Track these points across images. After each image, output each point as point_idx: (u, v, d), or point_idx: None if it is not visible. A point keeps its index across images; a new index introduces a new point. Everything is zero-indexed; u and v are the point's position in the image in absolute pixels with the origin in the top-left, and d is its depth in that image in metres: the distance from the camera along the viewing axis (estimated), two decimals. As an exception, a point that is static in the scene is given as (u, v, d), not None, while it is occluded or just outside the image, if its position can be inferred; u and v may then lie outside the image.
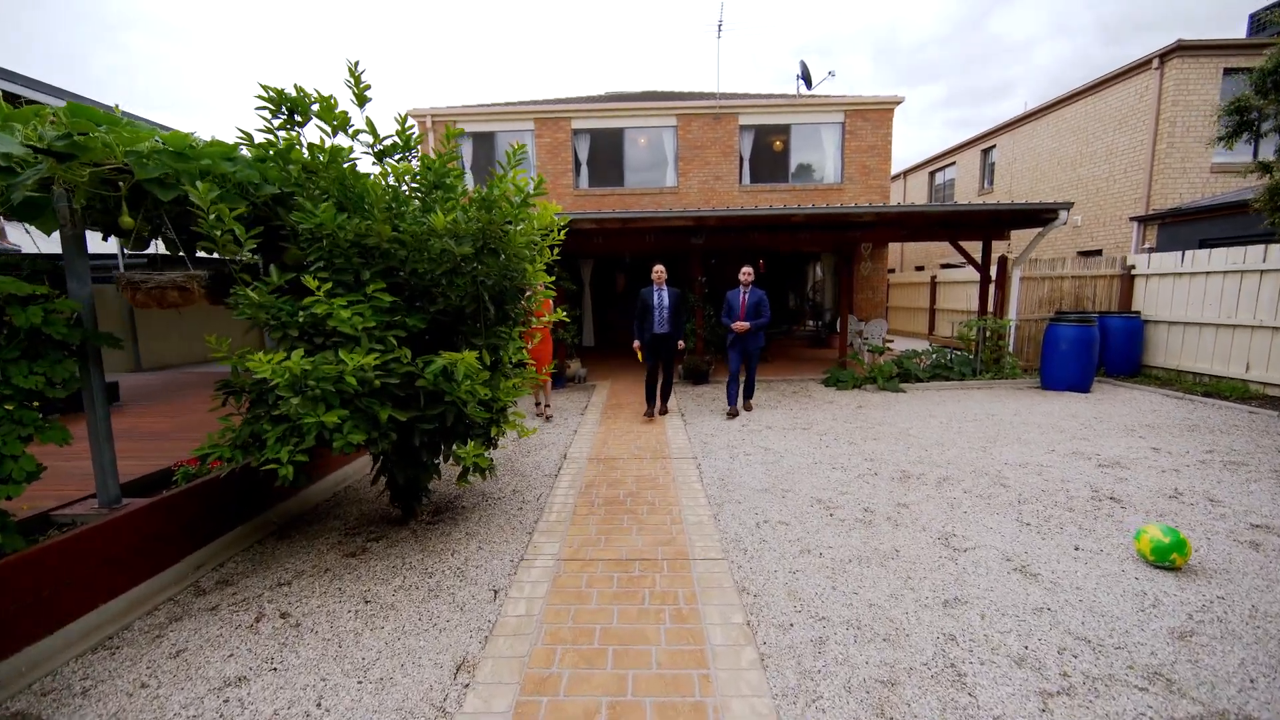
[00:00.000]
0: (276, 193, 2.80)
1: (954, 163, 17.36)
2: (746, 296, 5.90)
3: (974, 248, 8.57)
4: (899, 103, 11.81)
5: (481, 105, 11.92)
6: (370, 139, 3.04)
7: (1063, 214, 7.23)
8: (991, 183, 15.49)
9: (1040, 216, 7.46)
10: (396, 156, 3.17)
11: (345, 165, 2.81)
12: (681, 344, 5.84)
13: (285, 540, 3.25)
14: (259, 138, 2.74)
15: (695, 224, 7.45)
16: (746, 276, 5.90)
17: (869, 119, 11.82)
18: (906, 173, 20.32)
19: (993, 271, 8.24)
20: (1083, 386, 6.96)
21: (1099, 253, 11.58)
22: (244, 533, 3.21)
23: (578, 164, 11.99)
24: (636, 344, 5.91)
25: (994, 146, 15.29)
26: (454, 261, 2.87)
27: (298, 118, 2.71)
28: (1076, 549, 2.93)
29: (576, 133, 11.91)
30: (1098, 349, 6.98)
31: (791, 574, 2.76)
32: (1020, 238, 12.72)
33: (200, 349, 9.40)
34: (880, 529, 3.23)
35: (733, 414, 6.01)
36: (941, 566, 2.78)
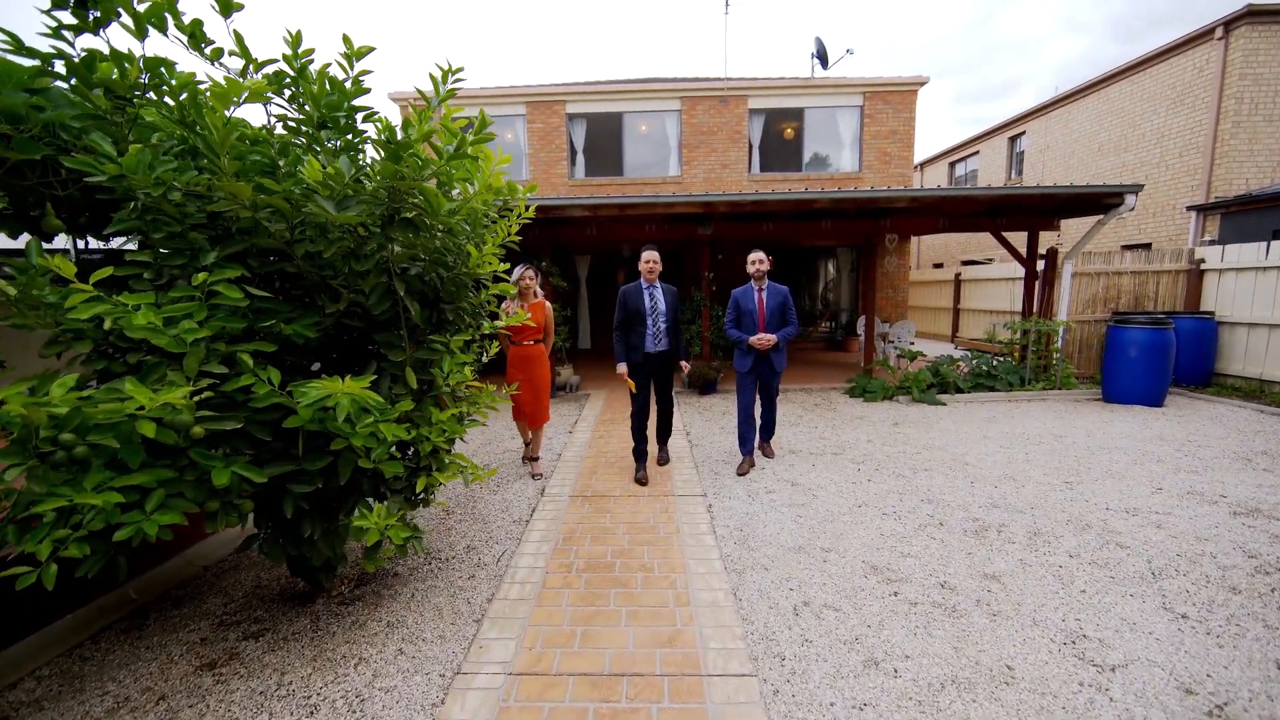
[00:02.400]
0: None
1: (977, 152, 16.27)
2: (765, 296, 4.01)
3: (1015, 240, 7.58)
4: (923, 84, 10.81)
5: (467, 88, 10.98)
6: (241, 63, 2.11)
7: (1129, 198, 6.22)
8: (1020, 172, 14.41)
9: (1101, 201, 6.45)
10: (286, 95, 2.24)
11: (185, 94, 1.87)
12: (686, 366, 4.08)
13: (132, 634, 2.31)
14: (40, 46, 1.80)
15: (703, 210, 6.48)
16: (759, 265, 3.97)
17: (890, 101, 10.84)
18: (924, 164, 19.25)
19: (1039, 266, 7.26)
20: (1155, 400, 5.96)
21: (1148, 246, 10.52)
22: (76, 623, 2.28)
23: (573, 152, 11.05)
24: (622, 369, 3.92)
25: (1023, 133, 14.20)
26: (352, 239, 1.93)
27: (95, 14, 1.77)
28: (1281, 667, 1.97)
29: (572, 118, 10.97)
30: (1173, 356, 5.98)
31: (858, 710, 1.82)
32: (1065, 230, 11.67)
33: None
34: (973, 622, 2.27)
35: (748, 467, 4.13)
36: (1091, 704, 1.82)
